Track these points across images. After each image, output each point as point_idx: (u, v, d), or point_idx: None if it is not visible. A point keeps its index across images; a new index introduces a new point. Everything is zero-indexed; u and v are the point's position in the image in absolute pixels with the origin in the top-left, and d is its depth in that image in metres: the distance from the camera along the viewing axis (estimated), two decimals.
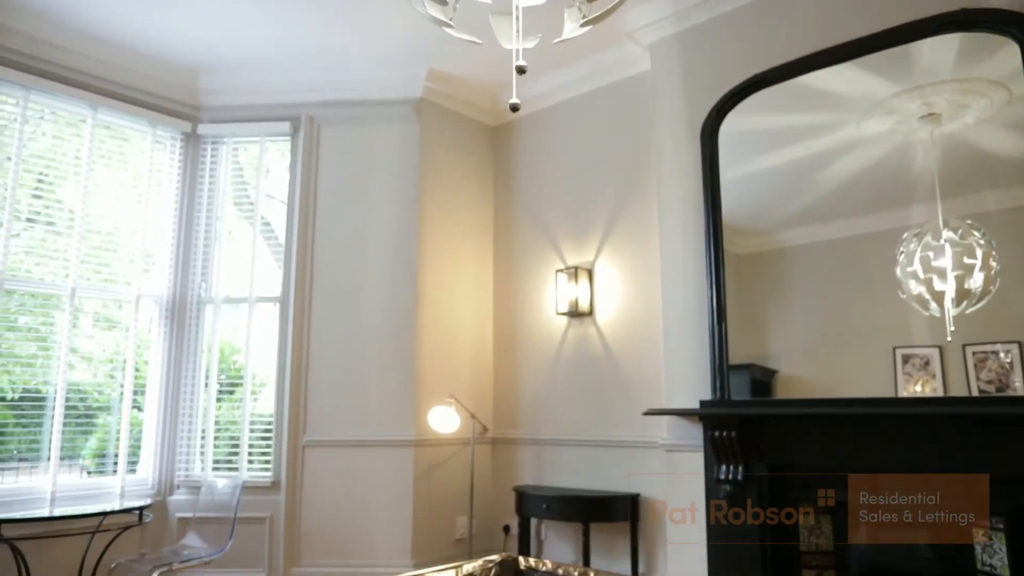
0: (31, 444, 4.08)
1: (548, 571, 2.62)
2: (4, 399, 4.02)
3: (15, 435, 4.07)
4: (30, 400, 4.11)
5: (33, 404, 4.11)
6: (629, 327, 4.21)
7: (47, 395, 4.12)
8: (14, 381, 4.08)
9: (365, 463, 4.39)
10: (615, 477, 4.14)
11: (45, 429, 4.09)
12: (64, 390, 4.13)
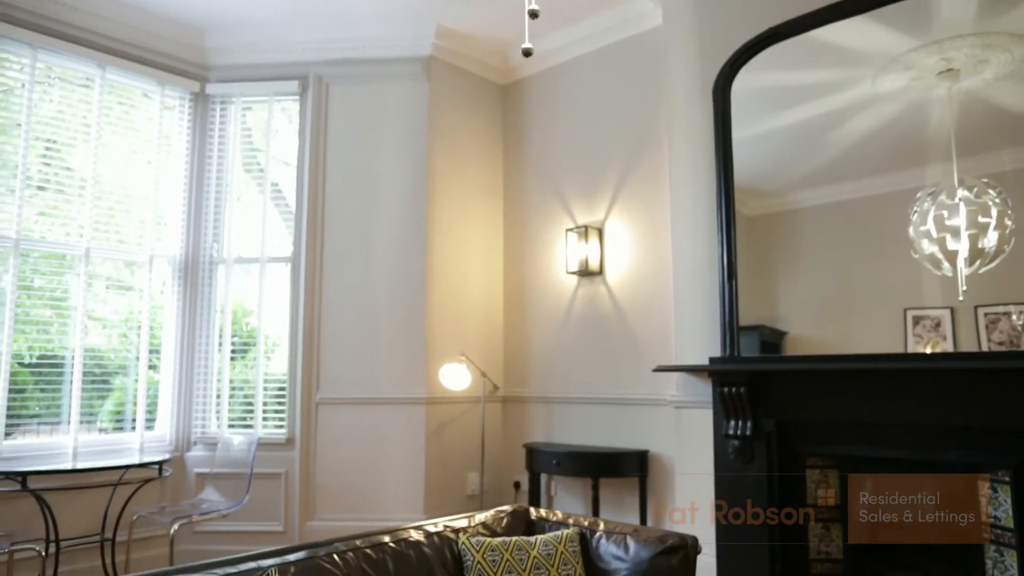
0: (50, 406, 4.16)
1: (559, 520, 2.68)
2: (22, 363, 4.08)
3: (34, 398, 4.15)
4: (47, 364, 4.18)
5: (51, 368, 4.18)
6: (639, 286, 4.23)
7: (64, 359, 4.19)
8: (31, 346, 4.14)
9: (377, 421, 4.46)
10: (625, 434, 4.20)
11: (64, 392, 4.17)
12: (81, 354, 4.20)
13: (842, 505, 3.23)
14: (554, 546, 2.45)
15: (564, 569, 2.40)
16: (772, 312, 3.48)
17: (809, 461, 3.28)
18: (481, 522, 2.64)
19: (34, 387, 4.14)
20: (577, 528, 2.59)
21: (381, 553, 2.27)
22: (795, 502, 3.26)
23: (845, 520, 3.21)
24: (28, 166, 4.09)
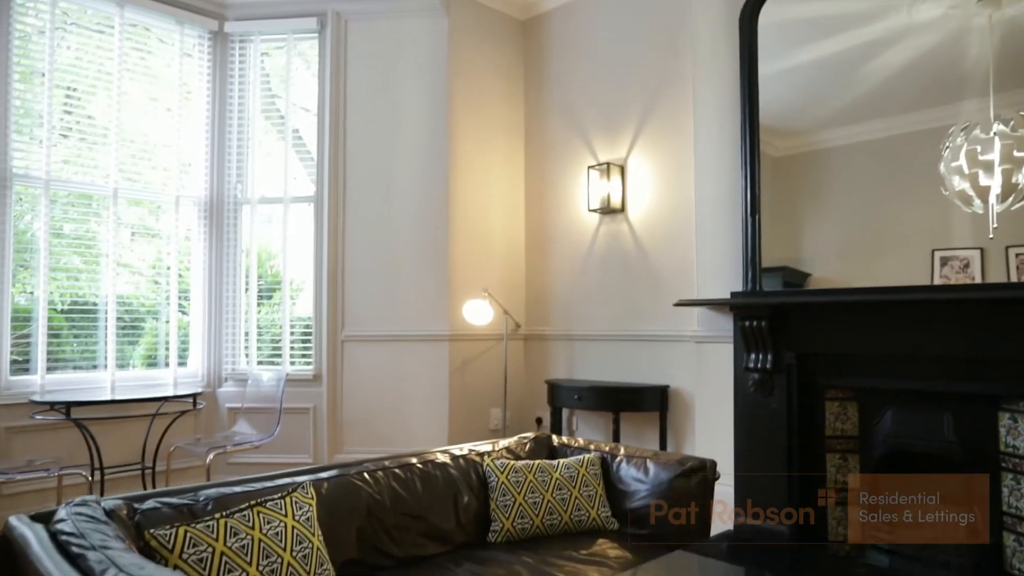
0: (84, 352, 4.29)
1: (580, 447, 2.76)
2: (55, 309, 4.19)
3: (69, 343, 4.27)
4: (79, 311, 4.29)
5: (82, 315, 4.29)
6: (661, 223, 4.21)
7: (97, 305, 4.31)
8: (63, 292, 4.24)
9: (402, 357, 4.56)
10: (645, 370, 4.25)
11: (99, 337, 4.30)
12: (114, 300, 4.32)
13: (860, 436, 3.28)
14: (576, 469, 2.53)
15: (585, 490, 2.48)
16: (795, 254, 3.45)
17: (828, 393, 3.31)
18: (505, 447, 2.72)
19: (68, 332, 4.27)
20: (598, 453, 2.66)
21: (409, 473, 2.36)
22: (813, 433, 3.31)
23: (862, 451, 3.26)
24: (52, 114, 4.13)
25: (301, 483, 2.04)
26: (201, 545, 1.65)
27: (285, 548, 1.78)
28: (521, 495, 2.40)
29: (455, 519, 2.35)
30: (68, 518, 1.63)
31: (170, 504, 1.87)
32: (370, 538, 2.14)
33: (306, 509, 1.92)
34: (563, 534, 2.41)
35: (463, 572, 2.05)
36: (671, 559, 1.70)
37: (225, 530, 1.71)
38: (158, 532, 1.65)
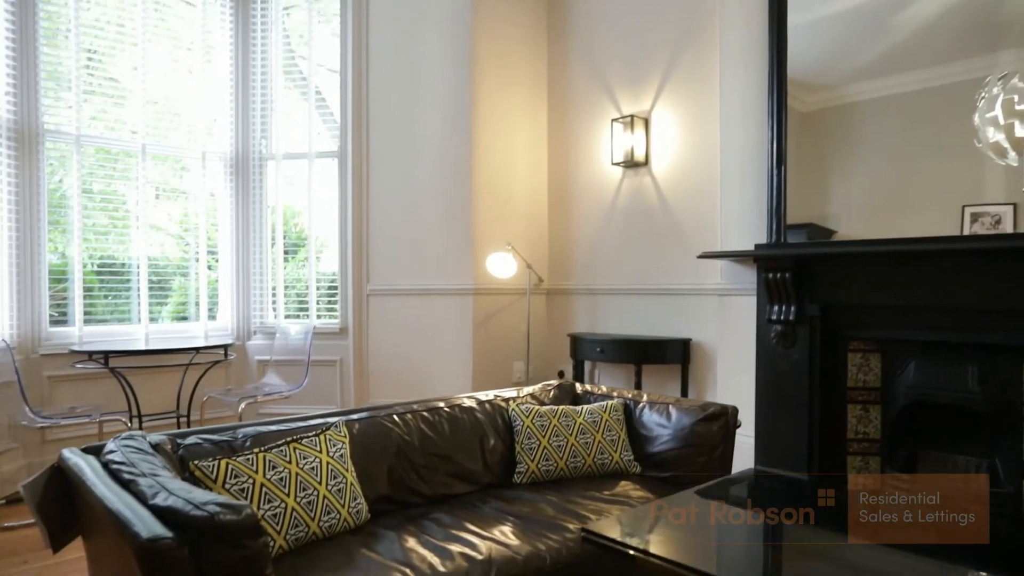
0: (118, 307, 4.41)
1: (603, 394, 2.81)
2: (87, 268, 4.28)
3: (101, 299, 4.38)
4: (110, 271, 4.39)
5: (113, 274, 4.39)
6: (685, 176, 4.19)
7: (127, 264, 4.41)
8: (91, 252, 4.32)
9: (426, 311, 4.62)
10: (668, 324, 4.27)
11: (132, 294, 4.41)
12: (145, 259, 4.42)
13: (882, 387, 3.29)
14: (599, 414, 2.58)
15: (608, 435, 2.54)
16: (821, 211, 3.40)
17: (852, 345, 3.32)
18: (530, 393, 2.78)
19: (99, 290, 4.37)
20: (621, 399, 2.71)
21: (437, 416, 2.43)
22: (834, 384, 3.33)
23: (884, 402, 3.28)
24: (78, 74, 4.17)
25: (334, 422, 2.11)
26: (242, 476, 1.74)
27: (320, 482, 1.86)
28: (545, 438, 2.47)
29: (482, 461, 2.43)
30: (118, 449, 1.72)
31: (211, 440, 1.96)
32: (400, 476, 2.22)
33: (339, 446, 2.00)
34: (586, 476, 2.47)
35: (490, 509, 2.13)
36: (690, 493, 1.75)
37: (264, 463, 1.79)
38: (202, 463, 1.74)
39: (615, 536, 1.45)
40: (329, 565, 1.67)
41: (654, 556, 1.33)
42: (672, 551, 1.35)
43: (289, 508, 1.76)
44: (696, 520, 1.58)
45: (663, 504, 1.77)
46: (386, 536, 1.87)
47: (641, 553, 1.34)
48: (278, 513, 1.74)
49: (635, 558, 1.34)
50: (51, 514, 1.77)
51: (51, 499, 1.77)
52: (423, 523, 1.99)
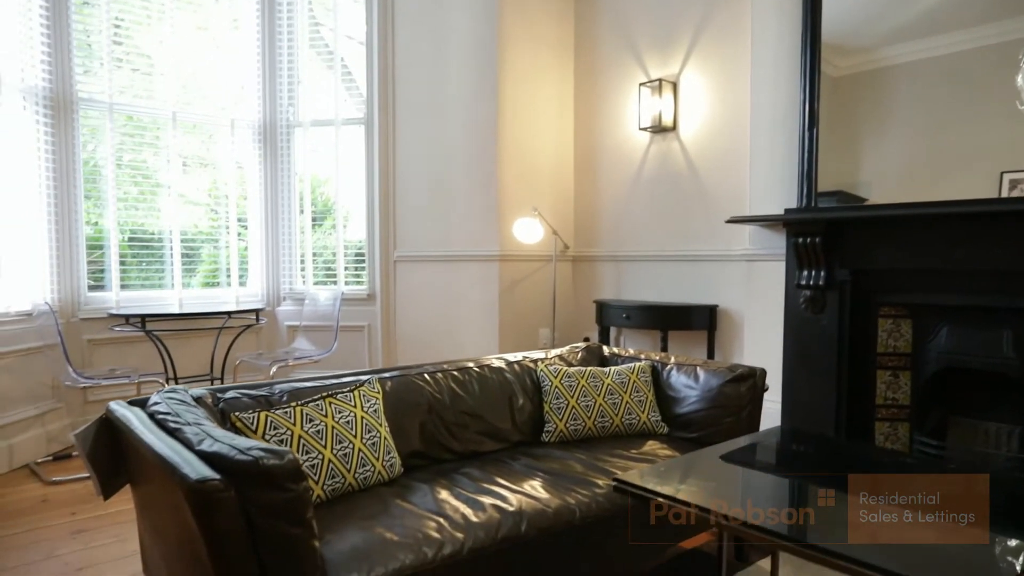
0: (152, 275, 4.49)
1: (630, 356, 2.82)
2: (120, 238, 4.36)
3: (134, 268, 4.46)
4: (142, 242, 4.47)
5: (145, 245, 4.48)
6: (714, 142, 4.14)
7: (159, 235, 4.49)
8: (123, 222, 4.40)
9: (453, 277, 4.66)
10: (694, 290, 4.26)
11: (165, 262, 4.49)
12: (177, 230, 4.50)
13: (913, 353, 3.26)
14: (627, 375, 2.60)
15: (636, 395, 2.56)
16: (852, 179, 3.35)
17: (882, 311, 3.29)
18: (558, 355, 2.81)
19: (132, 259, 4.45)
20: (649, 361, 2.73)
21: (467, 375, 2.47)
22: (864, 350, 3.31)
23: (915, 367, 3.26)
24: (108, 45, 4.21)
25: (368, 379, 2.16)
26: (280, 428, 1.79)
27: (356, 435, 1.91)
28: (574, 398, 2.50)
29: (511, 419, 2.47)
30: (162, 401, 1.78)
31: (249, 395, 2.02)
32: (432, 433, 2.27)
33: (373, 402, 2.05)
34: (614, 436, 2.50)
35: (520, 465, 2.17)
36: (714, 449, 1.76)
37: (301, 416, 1.84)
38: (243, 415, 1.79)
39: (646, 484, 1.47)
40: (365, 513, 1.72)
41: (683, 503, 1.36)
42: (701, 498, 1.37)
43: (326, 459, 1.81)
44: (724, 472, 1.60)
45: (692, 457, 1.79)
46: (419, 488, 1.93)
47: (671, 500, 1.37)
48: (316, 464, 1.79)
49: (665, 505, 1.37)
50: (101, 462, 1.85)
51: (100, 448, 1.84)
52: (455, 477, 2.04)
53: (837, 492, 1.51)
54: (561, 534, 1.81)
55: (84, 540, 2.71)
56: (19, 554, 2.59)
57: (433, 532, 1.64)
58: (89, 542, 2.69)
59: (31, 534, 2.78)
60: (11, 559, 2.54)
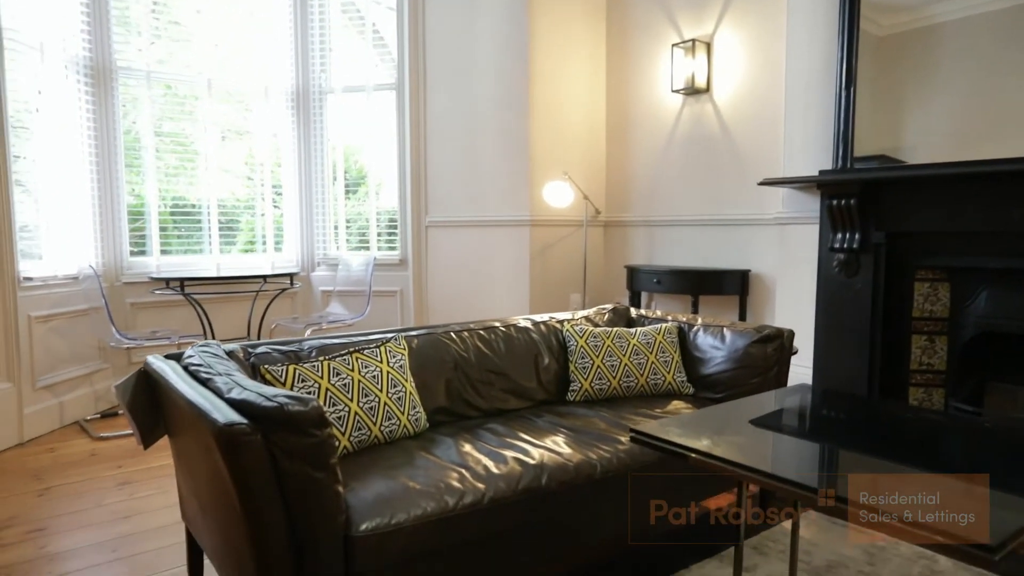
0: (190, 242, 4.61)
1: (658, 318, 2.82)
2: (160, 208, 4.48)
3: (173, 236, 4.57)
4: (181, 212, 4.57)
5: (184, 215, 4.58)
6: (748, 104, 4.04)
7: (198, 203, 4.58)
8: (164, 191, 4.49)
9: (484, 242, 4.67)
10: (726, 255, 4.21)
11: (203, 231, 4.60)
12: (215, 200, 4.60)
13: (951, 318, 3.19)
14: (653, 336, 2.60)
15: (662, 356, 2.56)
16: (894, 143, 3.23)
17: (919, 274, 3.21)
18: (584, 316, 2.81)
19: (172, 228, 4.56)
20: (675, 323, 2.72)
21: (493, 335, 2.50)
22: (899, 315, 3.25)
23: (952, 332, 3.18)
24: (146, 20, 4.28)
25: (393, 336, 2.20)
26: (308, 381, 1.84)
27: (382, 389, 1.96)
28: (599, 358, 2.51)
29: (536, 378, 2.49)
30: (196, 355, 1.85)
31: (279, 350, 2.08)
32: (458, 390, 2.31)
33: (399, 358, 2.09)
34: (639, 396, 2.51)
35: (543, 422, 2.20)
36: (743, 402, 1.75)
37: (328, 370, 1.89)
38: (272, 368, 1.85)
39: (662, 435, 1.49)
40: (390, 464, 1.77)
41: (698, 452, 1.37)
42: (718, 450, 1.37)
43: (352, 412, 1.87)
44: (744, 427, 1.60)
45: (711, 411, 1.79)
46: (443, 442, 1.97)
47: (685, 450, 1.38)
48: (342, 416, 1.84)
49: (683, 456, 1.38)
50: (140, 413, 1.93)
51: (139, 399, 1.92)
52: (479, 432, 2.08)
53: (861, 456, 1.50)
54: (581, 487, 1.84)
55: (129, 491, 2.85)
56: (70, 502, 2.73)
57: (455, 482, 1.68)
58: (133, 493, 2.82)
59: (81, 485, 2.92)
60: (63, 507, 2.68)
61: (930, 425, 1.73)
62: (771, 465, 1.34)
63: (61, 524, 2.53)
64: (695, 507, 2.53)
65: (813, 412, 1.78)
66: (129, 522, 2.54)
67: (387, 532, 1.51)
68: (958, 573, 2.09)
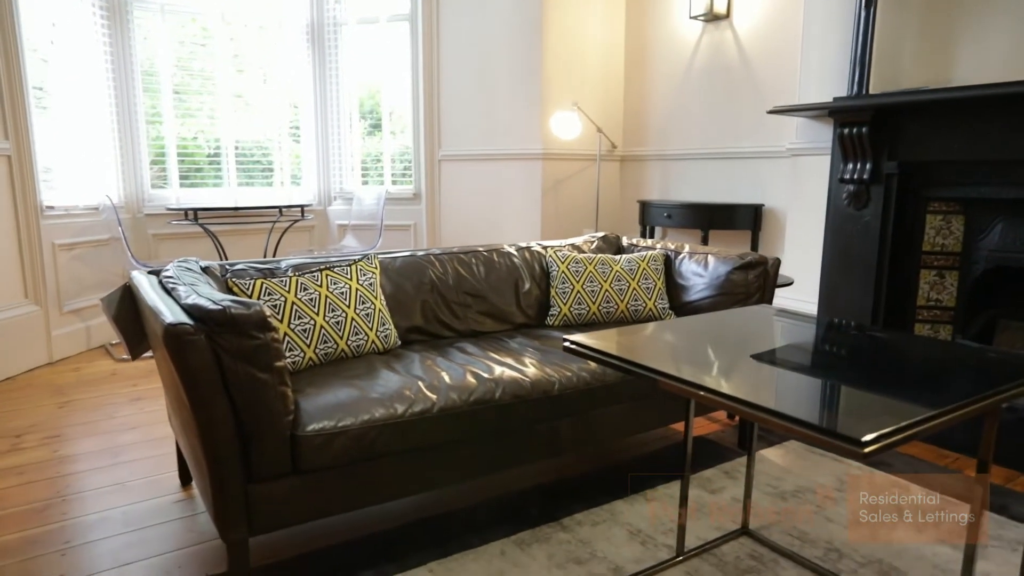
0: (210, 177, 4.70)
1: (647, 246, 2.79)
2: (179, 143, 4.56)
3: (194, 171, 4.67)
4: (200, 142, 4.64)
5: (203, 145, 4.65)
6: (770, 30, 3.87)
7: (218, 136, 4.66)
8: (182, 123, 4.56)
9: (496, 175, 4.65)
10: (741, 189, 4.11)
11: (223, 165, 4.68)
12: (232, 132, 4.66)
13: (963, 252, 3.07)
14: (637, 263, 2.58)
15: (645, 283, 2.54)
16: (944, 74, 3.00)
17: (932, 206, 3.08)
18: (572, 243, 2.80)
19: (191, 162, 4.65)
20: (663, 251, 2.69)
21: (474, 259, 2.52)
22: (908, 248, 3.14)
23: (965, 267, 3.06)
24: None
25: (367, 254, 2.24)
26: (275, 295, 1.90)
27: (349, 305, 2.01)
28: (580, 283, 2.51)
29: (515, 302, 2.52)
30: (171, 269, 1.92)
31: (256, 268, 2.14)
32: (433, 311, 2.35)
33: (369, 276, 2.13)
34: (618, 321, 2.51)
35: (515, 343, 2.23)
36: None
37: (296, 285, 1.95)
38: (239, 281, 1.92)
39: (593, 344, 1.50)
40: (350, 374, 1.83)
41: (614, 357, 1.38)
42: (637, 356, 1.38)
43: (318, 325, 1.92)
44: (681, 340, 1.59)
45: (648, 326, 1.79)
46: (409, 357, 2.02)
47: (604, 355, 1.39)
48: (308, 329, 1.91)
49: (613, 365, 1.39)
50: (126, 325, 2.02)
51: (125, 312, 2.02)
52: (447, 351, 2.12)
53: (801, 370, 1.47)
54: (537, 402, 1.87)
55: (140, 406, 3.01)
56: (89, 414, 2.91)
57: (408, 392, 1.74)
58: (143, 408, 2.99)
59: (100, 399, 3.10)
60: (82, 418, 2.86)
61: (862, 341, 1.69)
62: (675, 368, 1.33)
63: (75, 432, 2.71)
64: (665, 430, 2.56)
65: (747, 327, 1.75)
66: (135, 432, 2.70)
67: (333, 434, 1.57)
68: (927, 500, 2.08)
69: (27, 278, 3.56)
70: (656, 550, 1.82)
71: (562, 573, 1.71)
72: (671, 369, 1.28)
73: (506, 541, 1.86)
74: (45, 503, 2.11)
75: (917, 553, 1.81)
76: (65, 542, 1.88)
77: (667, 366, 1.29)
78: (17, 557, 1.80)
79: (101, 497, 2.14)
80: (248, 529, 1.52)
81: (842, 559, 1.79)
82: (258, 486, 1.52)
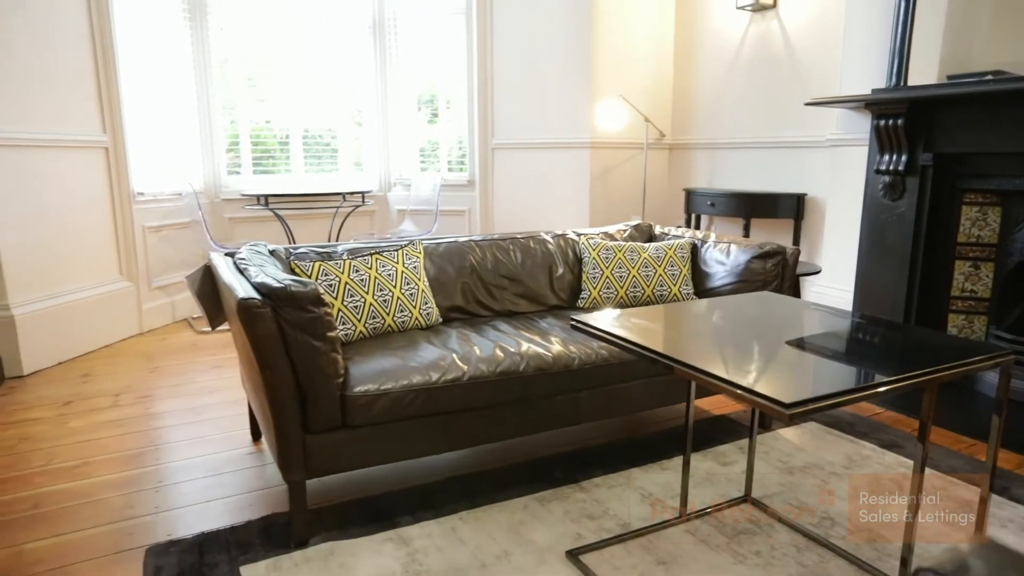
0: (280, 165, 5.06)
1: (676, 235, 2.95)
2: (252, 135, 4.93)
3: (265, 159, 5.04)
4: (271, 132, 5.00)
5: (273, 134, 5.01)
6: (815, 20, 3.91)
7: (287, 127, 5.00)
8: (254, 114, 4.93)
9: (546, 163, 4.85)
10: (785, 178, 4.18)
11: (291, 153, 5.03)
12: (301, 120, 5.00)
13: (1000, 244, 3.10)
14: (665, 251, 2.75)
15: (671, 269, 2.72)
16: (1018, 55, 2.98)
17: (967, 197, 3.12)
18: (604, 231, 2.99)
19: (262, 149, 5.02)
20: (691, 239, 2.85)
21: (512, 245, 2.75)
22: (943, 239, 3.18)
23: (1001, 259, 3.09)
24: None
25: (412, 241, 2.50)
26: (331, 275, 2.18)
27: (395, 286, 2.27)
28: (609, 269, 2.70)
29: (549, 286, 2.73)
30: (244, 251, 2.22)
31: (316, 252, 2.43)
32: (472, 292, 2.59)
33: (414, 260, 2.39)
34: (644, 305, 2.69)
35: (545, 323, 2.44)
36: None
37: (349, 268, 2.22)
38: (301, 263, 2.20)
39: (596, 324, 1.70)
40: (395, 346, 2.09)
41: (617, 338, 1.57)
42: (640, 338, 1.57)
43: (367, 303, 2.19)
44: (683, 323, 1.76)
45: (656, 309, 1.97)
46: (448, 333, 2.27)
47: (617, 339, 1.58)
48: (359, 305, 2.18)
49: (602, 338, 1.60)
50: (206, 299, 2.35)
51: (205, 288, 2.34)
52: (483, 328, 2.36)
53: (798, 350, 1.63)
54: (558, 375, 2.09)
55: (218, 373, 3.38)
56: (172, 379, 3.29)
57: (442, 362, 1.98)
58: (221, 375, 3.36)
59: (182, 366, 3.49)
60: (166, 381, 3.25)
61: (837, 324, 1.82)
62: (647, 341, 1.52)
63: (163, 393, 3.09)
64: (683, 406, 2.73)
65: (746, 312, 1.91)
66: (214, 395, 3.06)
67: (376, 395, 1.84)
68: (931, 480, 2.20)
69: (122, 257, 4.00)
70: (663, 512, 2.02)
71: (575, 526, 1.94)
72: (644, 342, 1.48)
73: (529, 498, 2.09)
74: (140, 450, 2.47)
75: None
76: (159, 481, 2.22)
77: (643, 339, 1.50)
78: (121, 491, 2.16)
79: (186, 447, 2.49)
80: (305, 472, 1.80)
81: (834, 527, 1.95)
82: (314, 437, 1.80)
